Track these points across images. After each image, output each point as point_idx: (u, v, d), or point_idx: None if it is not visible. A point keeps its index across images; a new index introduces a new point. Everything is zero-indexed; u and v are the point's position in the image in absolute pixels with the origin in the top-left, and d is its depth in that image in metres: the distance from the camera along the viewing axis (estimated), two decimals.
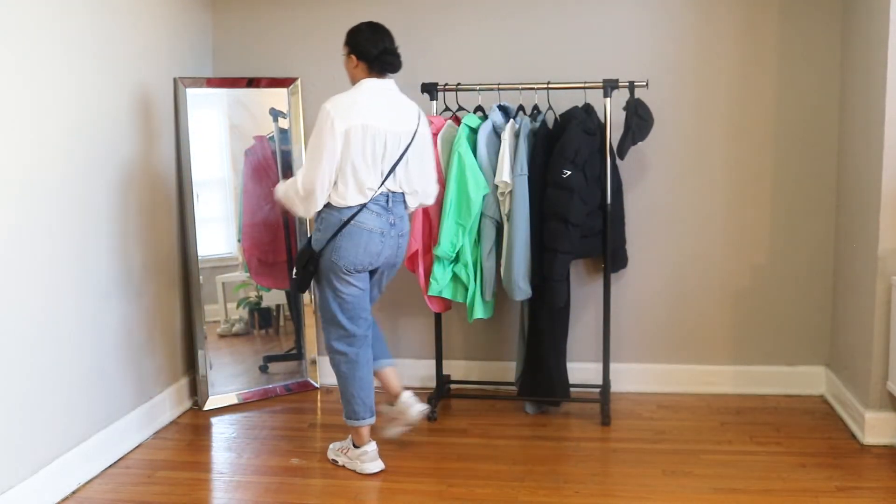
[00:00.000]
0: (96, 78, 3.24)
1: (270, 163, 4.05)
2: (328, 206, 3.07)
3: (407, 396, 3.34)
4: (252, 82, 4.03)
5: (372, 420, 3.24)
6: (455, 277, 3.67)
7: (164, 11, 3.76)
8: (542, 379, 3.76)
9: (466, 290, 3.67)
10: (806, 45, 3.85)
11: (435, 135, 3.67)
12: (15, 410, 2.79)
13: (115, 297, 3.38)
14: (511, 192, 3.59)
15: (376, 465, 3.21)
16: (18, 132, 2.79)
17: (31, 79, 2.85)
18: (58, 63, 3.00)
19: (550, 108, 3.73)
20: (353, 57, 3.12)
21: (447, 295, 3.67)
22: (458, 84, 3.73)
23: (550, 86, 3.67)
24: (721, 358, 4.06)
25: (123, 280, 3.44)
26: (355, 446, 3.25)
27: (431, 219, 3.67)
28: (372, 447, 3.22)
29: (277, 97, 4.07)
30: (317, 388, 4.23)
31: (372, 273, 3.24)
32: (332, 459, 3.32)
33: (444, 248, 3.58)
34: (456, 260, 3.64)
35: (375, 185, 3.06)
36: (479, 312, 3.68)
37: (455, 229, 3.59)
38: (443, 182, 3.58)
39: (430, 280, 3.63)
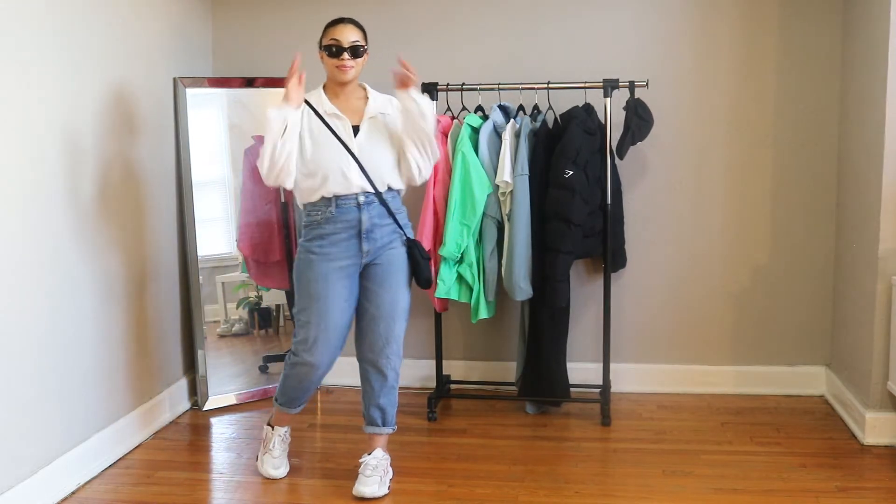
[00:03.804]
0: (96, 77, 3.24)
1: None
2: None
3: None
4: (252, 82, 4.03)
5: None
6: (460, 278, 3.67)
7: (164, 11, 3.76)
8: (542, 379, 3.76)
9: (471, 290, 3.67)
10: (806, 45, 3.84)
11: (445, 134, 3.67)
12: (15, 410, 2.79)
13: (115, 298, 3.38)
14: (512, 192, 3.59)
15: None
16: (16, 132, 2.79)
17: (29, 78, 2.85)
18: (56, 62, 2.99)
19: (550, 107, 3.73)
20: None
21: (454, 296, 3.67)
22: (460, 84, 3.73)
23: (550, 86, 3.67)
24: (721, 358, 4.06)
25: (123, 280, 3.43)
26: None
27: (439, 219, 3.66)
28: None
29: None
30: (317, 388, 4.22)
31: None
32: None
33: (449, 248, 3.58)
34: (460, 260, 3.64)
35: None
36: (484, 313, 3.68)
37: (460, 229, 3.59)
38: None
39: (438, 281, 3.63)
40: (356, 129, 2.99)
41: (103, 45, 3.28)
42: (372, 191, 2.95)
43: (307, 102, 3.01)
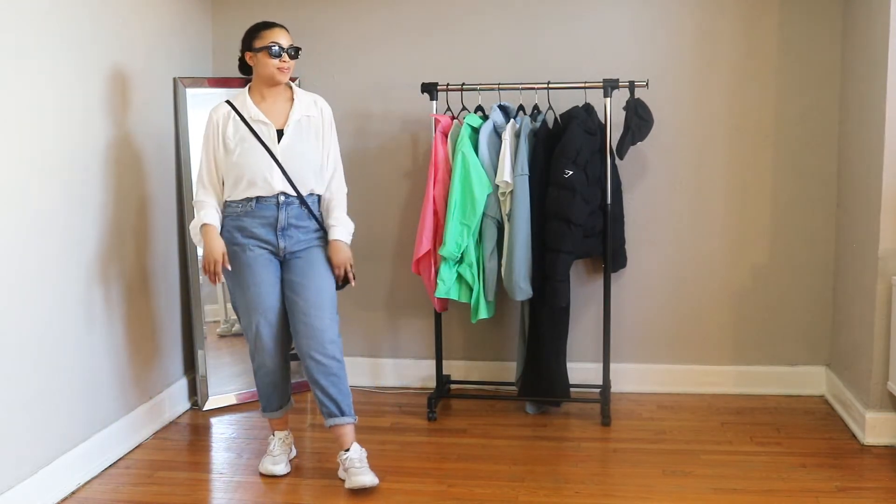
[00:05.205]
0: (95, 77, 3.24)
1: None
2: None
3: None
4: None
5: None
6: (459, 278, 3.66)
7: (163, 11, 3.76)
8: (542, 379, 3.76)
9: (471, 290, 3.67)
10: (806, 45, 3.84)
11: (445, 134, 3.67)
12: (15, 411, 2.79)
13: (115, 298, 3.38)
14: (512, 192, 3.59)
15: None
16: (16, 131, 2.79)
17: (29, 78, 2.85)
18: (56, 62, 2.99)
19: (550, 107, 3.73)
20: None
21: (454, 296, 3.66)
22: (460, 84, 3.72)
23: (550, 86, 3.67)
24: (721, 358, 4.06)
25: (123, 280, 3.43)
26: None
27: (439, 219, 3.66)
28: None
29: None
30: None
31: None
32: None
33: (449, 248, 3.58)
34: (460, 260, 3.64)
35: None
36: (483, 313, 3.68)
37: (460, 229, 3.58)
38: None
39: (437, 281, 3.63)
40: (281, 133, 3.08)
41: (103, 45, 3.28)
42: (293, 193, 3.06)
43: (233, 107, 3.10)
